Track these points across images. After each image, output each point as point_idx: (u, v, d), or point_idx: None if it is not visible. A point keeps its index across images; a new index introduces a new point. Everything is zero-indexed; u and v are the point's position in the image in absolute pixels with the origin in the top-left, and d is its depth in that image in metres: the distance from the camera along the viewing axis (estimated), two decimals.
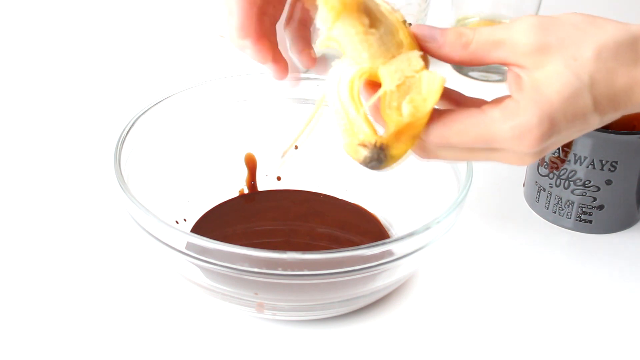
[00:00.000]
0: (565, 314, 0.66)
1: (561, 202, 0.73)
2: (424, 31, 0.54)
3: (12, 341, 0.62)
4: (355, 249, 0.57)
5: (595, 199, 0.72)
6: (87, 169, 0.78)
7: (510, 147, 0.52)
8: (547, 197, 0.73)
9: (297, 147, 0.75)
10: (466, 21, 0.94)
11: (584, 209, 0.72)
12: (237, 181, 0.75)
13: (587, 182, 0.71)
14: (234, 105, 0.73)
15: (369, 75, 0.53)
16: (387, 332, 0.64)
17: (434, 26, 0.55)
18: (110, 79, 0.91)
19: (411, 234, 0.59)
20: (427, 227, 0.59)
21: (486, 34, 0.53)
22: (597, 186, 0.71)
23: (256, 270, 0.57)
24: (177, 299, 0.65)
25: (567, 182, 0.72)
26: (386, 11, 0.55)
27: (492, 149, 0.53)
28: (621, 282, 0.69)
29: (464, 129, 0.52)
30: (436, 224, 0.60)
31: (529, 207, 0.76)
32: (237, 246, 0.57)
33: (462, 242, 0.71)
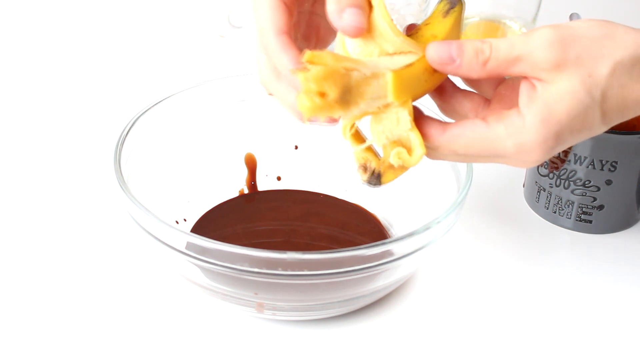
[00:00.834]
0: (565, 314, 0.66)
1: (561, 202, 0.73)
2: (440, 54, 0.52)
3: (12, 341, 0.62)
4: (355, 249, 0.57)
5: (595, 199, 0.72)
6: (88, 169, 0.78)
7: (514, 157, 0.52)
8: (547, 197, 0.73)
9: (297, 147, 0.75)
10: (466, 21, 0.94)
11: (584, 209, 0.72)
12: (237, 181, 0.75)
13: (587, 182, 0.71)
14: (234, 105, 0.73)
15: (362, 117, 0.53)
16: (387, 332, 0.64)
17: (448, 42, 0.52)
18: (110, 79, 0.91)
19: (411, 234, 0.59)
20: (427, 227, 0.59)
21: (504, 50, 0.52)
22: (597, 186, 0.71)
23: (256, 270, 0.57)
24: (177, 299, 0.65)
25: (567, 182, 0.72)
26: (367, 76, 0.51)
27: (497, 156, 0.53)
28: (621, 282, 0.69)
29: (469, 143, 0.52)
30: (436, 224, 0.60)
31: (529, 207, 0.76)
32: (237, 246, 0.57)
33: (462, 242, 0.71)
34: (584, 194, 0.72)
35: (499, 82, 0.56)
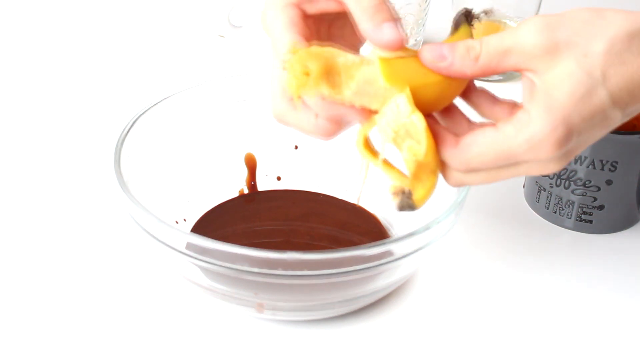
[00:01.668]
0: (565, 314, 0.66)
1: (561, 202, 0.73)
2: (432, 53, 0.53)
3: (12, 341, 0.62)
4: (355, 249, 0.57)
5: (595, 199, 0.72)
6: (87, 169, 0.78)
7: (530, 158, 0.51)
8: (547, 197, 0.73)
9: (297, 147, 0.75)
10: None
11: (584, 209, 0.72)
12: (237, 181, 0.75)
13: (587, 182, 0.71)
14: (234, 105, 0.73)
15: (372, 127, 0.53)
16: (387, 332, 0.64)
17: (440, 44, 0.53)
18: (110, 79, 0.91)
19: (411, 234, 0.59)
20: (427, 227, 0.59)
21: (493, 43, 0.52)
22: (597, 186, 0.71)
23: (256, 270, 0.57)
24: (177, 299, 0.65)
25: (567, 182, 0.72)
26: (357, 62, 0.52)
27: (515, 164, 0.52)
28: (621, 282, 0.69)
29: (482, 151, 0.52)
30: (436, 224, 0.60)
31: (529, 207, 0.76)
32: (237, 246, 0.57)
33: (462, 242, 0.71)
34: (585, 194, 0.72)
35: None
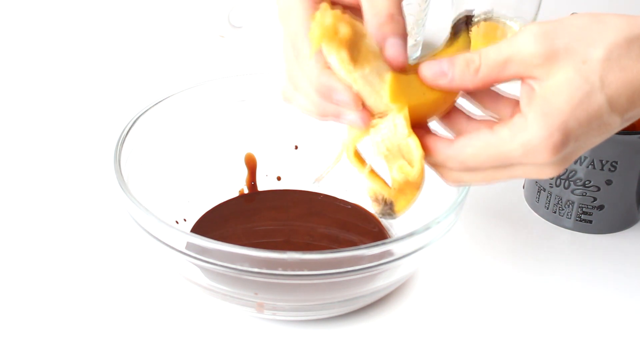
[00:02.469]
0: (565, 314, 0.66)
1: (561, 202, 0.73)
2: (431, 71, 0.53)
3: (12, 341, 0.62)
4: (355, 249, 0.57)
5: (595, 199, 0.72)
6: (87, 169, 0.78)
7: (526, 162, 0.52)
8: (547, 197, 0.74)
9: (297, 147, 0.75)
10: None
11: (584, 209, 0.72)
12: (237, 181, 0.75)
13: (587, 182, 0.71)
14: (234, 105, 0.73)
15: (363, 138, 0.54)
16: (387, 332, 0.64)
17: (439, 60, 0.53)
18: (110, 79, 0.91)
19: (411, 234, 0.59)
20: (427, 227, 0.59)
21: (492, 54, 0.52)
22: (597, 186, 0.71)
23: (256, 270, 0.57)
24: (177, 299, 0.65)
25: (567, 182, 0.72)
26: (376, 52, 0.53)
27: (511, 165, 0.52)
28: (621, 282, 0.69)
29: (477, 152, 0.52)
30: (436, 224, 0.60)
31: (529, 207, 0.76)
32: (237, 246, 0.57)
33: (462, 242, 0.71)
34: (584, 194, 0.72)
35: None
